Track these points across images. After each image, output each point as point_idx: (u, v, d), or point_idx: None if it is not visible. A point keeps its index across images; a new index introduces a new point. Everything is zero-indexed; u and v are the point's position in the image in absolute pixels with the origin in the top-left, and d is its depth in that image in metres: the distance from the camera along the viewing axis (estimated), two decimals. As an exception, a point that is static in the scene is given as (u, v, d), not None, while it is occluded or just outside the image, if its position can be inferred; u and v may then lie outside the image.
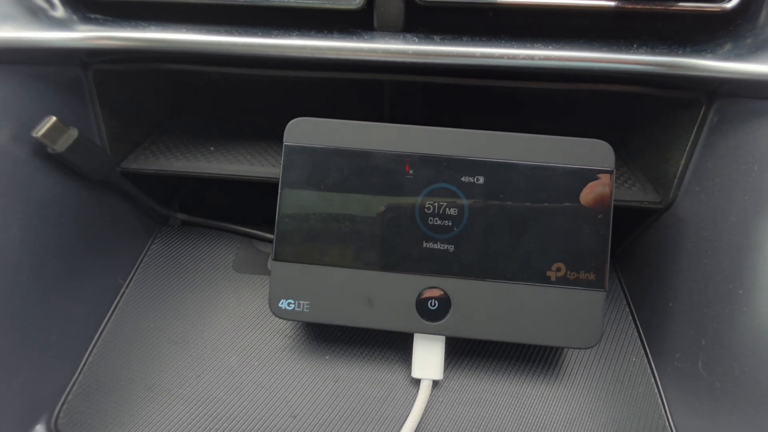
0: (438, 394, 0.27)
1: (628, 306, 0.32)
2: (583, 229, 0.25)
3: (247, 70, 0.28)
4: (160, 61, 0.28)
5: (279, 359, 0.28)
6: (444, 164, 0.26)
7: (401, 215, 0.26)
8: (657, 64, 0.24)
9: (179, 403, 0.26)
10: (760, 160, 0.23)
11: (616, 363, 0.29)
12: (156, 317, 0.30)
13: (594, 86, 0.27)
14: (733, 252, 0.24)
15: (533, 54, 0.25)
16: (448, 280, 0.25)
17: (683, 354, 0.26)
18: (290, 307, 0.26)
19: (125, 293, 0.31)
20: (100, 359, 0.28)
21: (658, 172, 0.30)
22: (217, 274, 0.33)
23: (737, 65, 0.23)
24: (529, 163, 0.25)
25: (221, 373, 0.28)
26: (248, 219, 0.36)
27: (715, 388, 0.23)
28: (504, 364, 0.28)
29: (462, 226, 0.26)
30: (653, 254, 0.30)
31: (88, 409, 0.26)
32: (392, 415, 0.26)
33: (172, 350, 0.29)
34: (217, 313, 0.30)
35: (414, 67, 0.25)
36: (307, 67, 0.27)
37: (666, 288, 0.28)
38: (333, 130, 0.26)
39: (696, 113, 0.26)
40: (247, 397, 0.27)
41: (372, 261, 0.26)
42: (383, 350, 0.29)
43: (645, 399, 0.27)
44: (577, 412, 0.27)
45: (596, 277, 0.25)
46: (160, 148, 0.32)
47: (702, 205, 0.26)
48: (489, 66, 0.25)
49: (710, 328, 0.24)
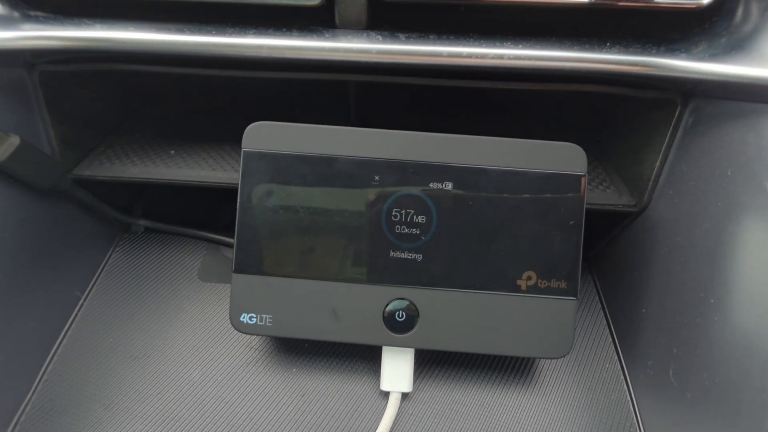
0: (407, 407, 0.26)
1: (603, 311, 0.31)
2: (554, 236, 0.24)
3: (201, 71, 0.26)
4: (109, 61, 0.26)
5: (244, 373, 0.27)
6: (411, 170, 0.24)
7: (367, 224, 0.24)
8: (630, 63, 0.23)
9: (139, 422, 0.25)
10: (734, 164, 0.22)
11: (589, 370, 0.28)
12: (115, 331, 0.29)
13: (566, 86, 0.26)
14: (705, 259, 0.23)
15: (502, 53, 0.23)
16: (415, 290, 0.25)
17: (655, 362, 0.26)
18: (252, 321, 0.25)
19: (83, 306, 0.30)
20: (55, 377, 0.27)
21: (633, 174, 0.29)
22: (181, 283, 0.31)
23: (711, 66, 0.22)
24: (499, 168, 0.24)
25: (183, 389, 0.27)
26: (215, 224, 0.35)
27: (685, 397, 0.23)
28: (475, 373, 0.28)
29: (430, 235, 0.25)
30: (628, 258, 0.30)
31: (41, 431, 0.25)
32: (360, 429, 0.25)
33: (132, 366, 0.27)
34: (181, 326, 0.29)
35: (378, 67, 0.24)
36: (265, 68, 0.26)
37: (640, 293, 0.28)
38: (294, 134, 0.25)
39: (671, 114, 0.26)
40: (210, 414, 0.26)
41: (336, 272, 0.25)
42: (351, 361, 0.28)
43: (617, 407, 0.27)
44: (549, 421, 0.26)
45: (568, 285, 0.24)
46: (116, 152, 0.30)
47: (676, 209, 0.26)
48: (456, 66, 0.24)
49: (682, 337, 0.24)
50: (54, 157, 0.28)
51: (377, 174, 0.24)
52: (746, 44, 0.21)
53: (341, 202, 0.24)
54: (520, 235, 0.24)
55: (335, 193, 0.24)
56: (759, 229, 0.21)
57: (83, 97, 0.30)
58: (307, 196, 0.24)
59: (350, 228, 0.24)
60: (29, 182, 0.26)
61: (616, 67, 0.23)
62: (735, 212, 0.22)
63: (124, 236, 0.34)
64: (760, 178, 0.21)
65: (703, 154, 0.24)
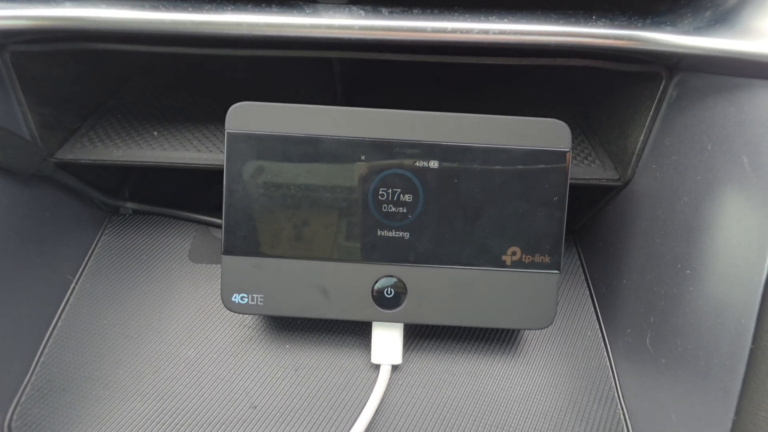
0: (397, 378, 0.27)
1: (586, 282, 0.32)
2: (538, 212, 0.25)
3: (179, 49, 0.25)
4: (81, 40, 0.25)
5: (238, 350, 0.28)
6: (397, 149, 0.24)
7: (354, 203, 0.25)
8: (616, 38, 0.23)
9: (136, 399, 0.26)
10: (714, 139, 0.23)
11: (571, 339, 0.29)
12: (109, 313, 0.29)
13: (552, 61, 0.26)
14: (683, 232, 0.24)
15: (488, 28, 0.23)
16: (403, 267, 0.25)
17: (633, 330, 0.27)
18: (243, 301, 0.25)
19: (75, 290, 0.30)
20: (52, 359, 0.27)
21: (617, 148, 0.29)
22: (172, 264, 0.32)
23: (696, 40, 0.22)
24: (484, 146, 0.24)
25: (179, 367, 0.27)
26: (204, 205, 0.35)
27: (660, 362, 0.24)
28: (462, 345, 0.29)
29: (416, 213, 0.25)
30: (611, 231, 0.30)
31: (42, 410, 0.26)
32: (352, 400, 0.26)
33: (128, 346, 0.28)
34: (174, 306, 0.30)
35: (361, 44, 0.24)
36: (245, 46, 0.25)
37: (621, 265, 0.29)
38: (278, 115, 0.24)
39: (656, 87, 0.26)
40: (207, 390, 0.27)
41: (325, 251, 0.25)
42: (343, 336, 0.29)
43: (597, 373, 0.28)
44: (532, 388, 0.27)
45: (551, 259, 0.25)
46: (99, 134, 0.30)
47: (658, 183, 0.26)
48: (441, 42, 0.23)
49: (658, 306, 0.25)
50: (34, 142, 0.27)
51: (363, 153, 0.24)
52: (730, 18, 0.21)
53: (327, 182, 0.24)
54: (505, 212, 0.25)
55: (321, 174, 0.24)
56: (735, 203, 0.21)
57: (60, 78, 0.29)
58: (293, 177, 0.24)
59: (337, 208, 0.25)
60: (10, 168, 0.26)
61: (603, 42, 0.23)
62: (713, 187, 0.22)
63: (112, 219, 0.34)
64: (738, 153, 0.21)
65: (685, 129, 0.25)
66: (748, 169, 0.21)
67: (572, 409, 0.27)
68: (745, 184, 0.21)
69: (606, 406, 0.27)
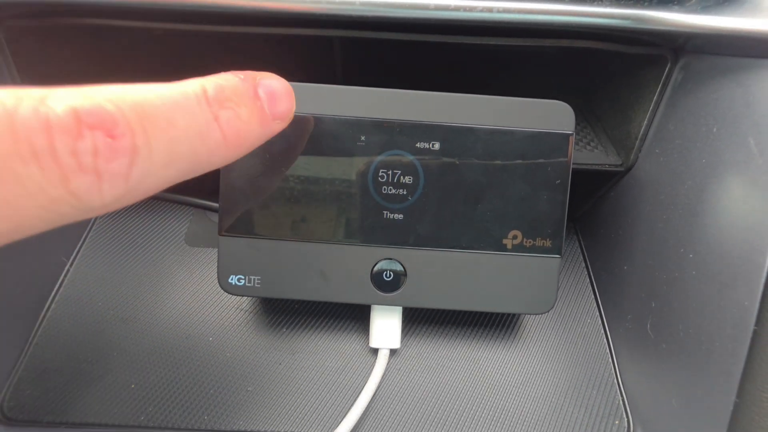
0: (396, 362, 0.27)
1: (586, 269, 0.32)
2: (540, 196, 0.24)
3: (177, 26, 0.25)
4: (77, 15, 0.24)
5: (234, 334, 0.28)
6: (397, 129, 0.24)
7: (353, 185, 0.24)
8: (622, 17, 0.23)
9: (131, 381, 0.26)
10: (719, 121, 0.22)
11: (571, 325, 0.29)
12: (104, 295, 0.29)
13: (556, 42, 0.25)
14: (687, 216, 0.23)
15: (491, 6, 0.23)
16: (403, 250, 0.25)
17: (634, 316, 0.27)
18: (240, 282, 0.25)
19: (69, 272, 0.30)
20: (46, 341, 0.27)
21: (620, 133, 0.29)
22: (168, 248, 0.31)
23: (703, 19, 0.21)
24: (486, 127, 0.24)
25: (174, 350, 0.27)
26: (201, 188, 0.34)
27: (661, 348, 0.24)
28: (461, 330, 0.29)
29: (417, 195, 0.24)
30: (612, 217, 0.30)
31: (35, 391, 0.25)
32: (350, 384, 0.26)
33: (123, 328, 0.28)
34: (169, 289, 0.29)
35: (362, 21, 0.23)
36: (244, 23, 0.25)
37: (623, 251, 0.28)
38: (277, 93, 0.24)
39: (661, 71, 0.25)
40: (202, 373, 0.26)
41: (324, 233, 0.25)
42: (341, 321, 0.28)
43: (597, 359, 0.28)
44: (531, 373, 0.27)
45: (552, 243, 0.25)
46: (94, 114, 0.29)
47: (661, 168, 0.26)
48: (443, 19, 0.23)
49: (660, 291, 0.24)
50: (27, 119, 0.27)
51: (363, 134, 0.24)
52: (738, -6, 0.21)
53: (326, 163, 0.24)
54: (506, 195, 0.24)
55: (320, 155, 0.24)
56: (740, 185, 0.21)
57: (56, 56, 0.28)
58: (291, 158, 0.24)
59: (337, 189, 0.24)
60: (3, 145, 0.25)
61: (609, 21, 0.23)
62: (718, 169, 0.22)
63: (107, 202, 0.34)
64: (744, 135, 0.21)
65: (690, 112, 0.24)
66: (755, 150, 0.20)
67: (571, 394, 0.26)
68: (751, 165, 0.20)
69: (605, 392, 0.26)
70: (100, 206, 0.13)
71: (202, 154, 0.15)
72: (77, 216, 0.13)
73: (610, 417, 0.26)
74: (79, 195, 0.12)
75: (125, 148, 0.13)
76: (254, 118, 0.17)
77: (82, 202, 0.13)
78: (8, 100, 0.12)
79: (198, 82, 0.16)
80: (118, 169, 0.13)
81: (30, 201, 0.12)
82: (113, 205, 0.13)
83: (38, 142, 0.12)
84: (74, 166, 0.12)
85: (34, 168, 0.12)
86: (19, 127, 0.12)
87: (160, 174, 0.14)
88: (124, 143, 0.13)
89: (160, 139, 0.14)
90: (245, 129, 0.17)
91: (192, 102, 0.15)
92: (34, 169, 0.12)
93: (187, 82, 0.16)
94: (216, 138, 0.16)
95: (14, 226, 0.12)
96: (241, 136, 0.17)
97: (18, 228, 0.12)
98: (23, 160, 0.12)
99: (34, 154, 0.12)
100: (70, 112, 0.12)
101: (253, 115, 0.17)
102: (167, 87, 0.15)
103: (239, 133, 0.16)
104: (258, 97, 0.18)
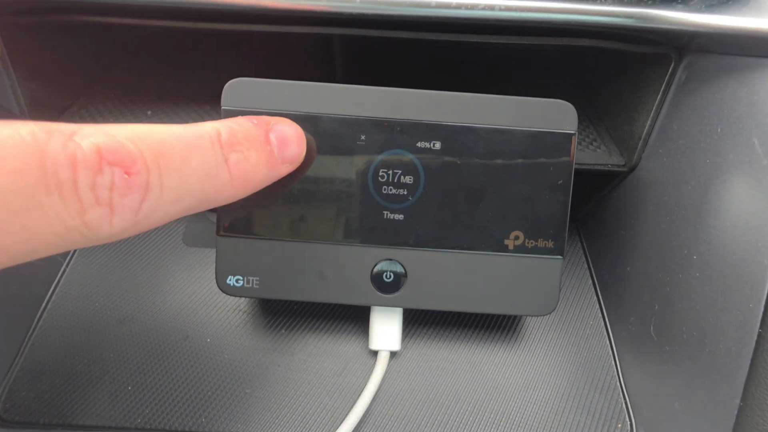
0: (396, 365, 0.27)
1: (589, 271, 0.32)
2: (542, 196, 0.24)
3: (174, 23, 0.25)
4: (71, 12, 0.24)
5: (233, 336, 0.27)
6: (398, 129, 0.24)
7: (353, 184, 0.24)
8: (625, 15, 0.22)
9: (127, 383, 0.25)
10: (723, 121, 0.22)
11: (573, 327, 0.29)
12: (100, 296, 0.28)
13: (559, 41, 0.25)
14: (690, 217, 0.23)
15: (493, 4, 0.22)
16: (403, 251, 0.24)
17: (637, 318, 0.26)
18: (239, 283, 0.25)
19: (66, 272, 0.29)
20: (42, 341, 0.27)
21: (623, 133, 0.28)
22: (166, 248, 0.31)
23: (707, 17, 0.21)
24: (488, 127, 0.24)
25: (171, 351, 0.27)
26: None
27: (664, 350, 0.24)
28: (462, 332, 0.28)
29: (417, 195, 0.24)
30: (615, 218, 0.30)
31: (32, 393, 0.25)
32: (349, 387, 0.26)
33: (119, 329, 0.27)
34: (167, 290, 0.29)
35: (362, 19, 0.23)
36: (242, 20, 0.25)
37: (626, 252, 0.28)
38: (276, 92, 0.24)
39: (664, 70, 0.25)
40: (199, 374, 0.26)
41: (323, 233, 0.24)
42: (340, 322, 0.28)
43: (599, 362, 0.27)
44: (533, 376, 0.27)
45: (554, 244, 0.24)
46: (91, 113, 0.29)
47: (665, 168, 0.26)
48: (445, 17, 0.23)
49: (663, 293, 0.24)
50: (23, 118, 0.27)
51: (363, 133, 0.24)
52: (744, -8, 0.21)
53: (326, 162, 0.24)
54: (508, 195, 0.24)
55: (320, 153, 0.24)
56: (744, 185, 0.21)
57: (51, 54, 0.28)
58: (291, 157, 0.24)
59: (336, 189, 0.24)
60: None
61: (612, 19, 0.22)
62: (722, 169, 0.22)
63: (105, 201, 0.34)
64: (749, 134, 0.21)
65: (694, 112, 0.24)
66: (759, 150, 0.20)
67: (573, 397, 0.26)
68: (755, 165, 0.20)
69: (608, 395, 0.26)
70: (108, 236, 0.14)
71: (210, 193, 0.17)
72: (84, 243, 0.14)
73: (613, 420, 0.25)
74: (91, 226, 0.14)
75: (139, 185, 0.14)
76: (262, 161, 0.19)
77: (93, 232, 0.14)
78: (41, 134, 0.13)
79: (213, 126, 0.17)
80: (130, 204, 0.14)
81: (48, 228, 0.13)
82: (119, 235, 0.15)
83: (63, 175, 0.13)
84: (92, 200, 0.13)
85: (56, 198, 0.13)
86: (49, 161, 0.13)
87: (167, 209, 0.15)
88: (138, 180, 0.14)
89: (172, 177, 0.15)
90: (252, 171, 0.18)
91: (206, 144, 0.16)
92: (56, 199, 0.13)
93: (203, 125, 0.17)
94: (224, 178, 0.17)
95: (29, 250, 0.13)
96: (248, 177, 0.18)
97: (31, 252, 0.13)
98: (48, 191, 0.13)
99: (58, 185, 0.13)
100: (95, 149, 0.13)
101: (261, 159, 0.18)
102: (185, 128, 0.16)
103: (246, 175, 0.18)
104: (268, 141, 0.19)
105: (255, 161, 0.18)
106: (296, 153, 0.21)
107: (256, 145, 0.18)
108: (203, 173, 0.16)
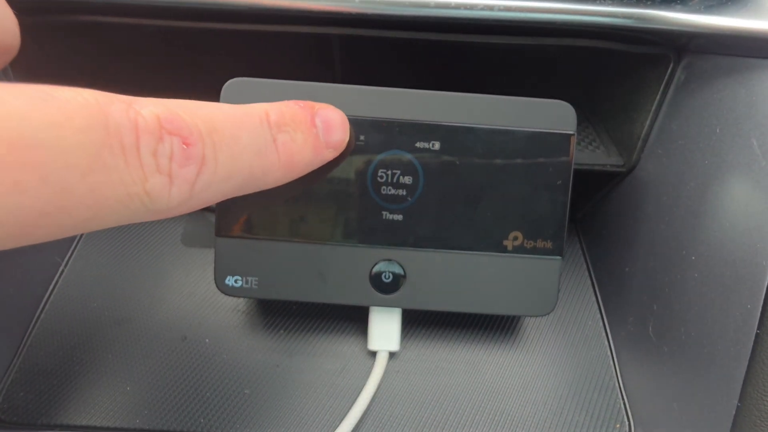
0: (394, 365, 0.27)
1: (587, 271, 0.32)
2: (541, 196, 0.24)
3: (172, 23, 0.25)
4: (70, 12, 0.24)
5: (231, 336, 0.27)
6: (397, 129, 0.24)
7: (352, 185, 0.24)
8: (625, 16, 0.22)
9: (126, 384, 0.25)
10: (722, 122, 0.22)
11: (572, 328, 0.29)
12: (98, 297, 0.28)
13: (558, 41, 0.25)
14: (689, 217, 0.23)
15: (492, 4, 0.22)
16: (402, 251, 0.24)
17: (636, 318, 0.26)
18: (237, 284, 0.25)
19: (64, 273, 0.29)
20: (40, 342, 0.27)
21: (622, 133, 0.29)
22: (164, 249, 0.31)
23: (706, 18, 0.21)
24: (487, 127, 0.24)
25: (170, 352, 0.27)
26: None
27: (662, 351, 0.24)
28: (461, 332, 0.28)
29: (417, 196, 0.24)
30: (614, 219, 0.30)
31: (29, 394, 0.25)
32: (348, 387, 0.26)
33: (117, 330, 0.27)
34: (165, 290, 0.29)
35: (362, 19, 0.23)
36: (241, 20, 0.24)
37: (624, 253, 0.28)
38: (275, 91, 0.23)
39: (663, 71, 0.25)
40: (198, 375, 0.26)
41: (322, 234, 0.24)
42: (339, 323, 0.28)
43: (598, 362, 0.27)
44: (531, 376, 0.27)
45: (553, 244, 0.24)
46: (89, 112, 0.29)
47: (664, 169, 0.26)
48: (444, 17, 0.23)
49: (662, 294, 0.24)
50: (21, 117, 0.26)
51: (362, 133, 0.24)
52: (743, -7, 0.21)
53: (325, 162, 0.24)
54: (507, 195, 0.24)
55: (319, 154, 0.24)
56: (743, 186, 0.21)
57: (50, 53, 0.28)
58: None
59: (335, 189, 0.24)
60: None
61: (611, 20, 0.22)
62: (721, 170, 0.22)
63: (103, 201, 0.33)
64: (748, 135, 0.21)
65: (693, 112, 0.24)
66: (758, 151, 0.20)
67: (572, 397, 0.26)
68: (754, 166, 0.20)
69: (606, 395, 0.26)
70: (165, 209, 0.14)
71: (258, 172, 0.17)
72: (142, 216, 0.14)
73: (611, 420, 0.25)
74: (152, 194, 0.13)
75: (196, 156, 0.14)
76: (308, 144, 0.19)
77: (152, 201, 0.14)
78: (101, 98, 0.13)
79: (261, 107, 0.17)
80: (188, 176, 0.14)
81: (111, 192, 0.13)
82: (175, 210, 0.14)
83: (127, 139, 0.13)
84: (153, 166, 0.13)
85: (121, 161, 0.13)
86: (112, 123, 0.13)
87: (218, 186, 0.15)
88: (196, 151, 0.14)
89: (225, 153, 0.15)
90: (299, 153, 0.18)
91: (255, 122, 0.16)
92: (120, 161, 0.13)
93: (252, 106, 0.17)
94: (272, 158, 0.17)
95: (92, 215, 0.13)
96: (295, 159, 0.18)
97: (94, 218, 0.13)
98: (113, 153, 0.12)
99: (122, 148, 0.13)
100: (155, 117, 0.13)
101: (307, 141, 0.18)
102: (233, 107, 0.16)
103: (293, 157, 0.18)
104: (314, 125, 0.19)
105: (302, 143, 0.18)
106: (340, 138, 0.21)
107: (303, 127, 0.18)
108: (253, 151, 0.16)
